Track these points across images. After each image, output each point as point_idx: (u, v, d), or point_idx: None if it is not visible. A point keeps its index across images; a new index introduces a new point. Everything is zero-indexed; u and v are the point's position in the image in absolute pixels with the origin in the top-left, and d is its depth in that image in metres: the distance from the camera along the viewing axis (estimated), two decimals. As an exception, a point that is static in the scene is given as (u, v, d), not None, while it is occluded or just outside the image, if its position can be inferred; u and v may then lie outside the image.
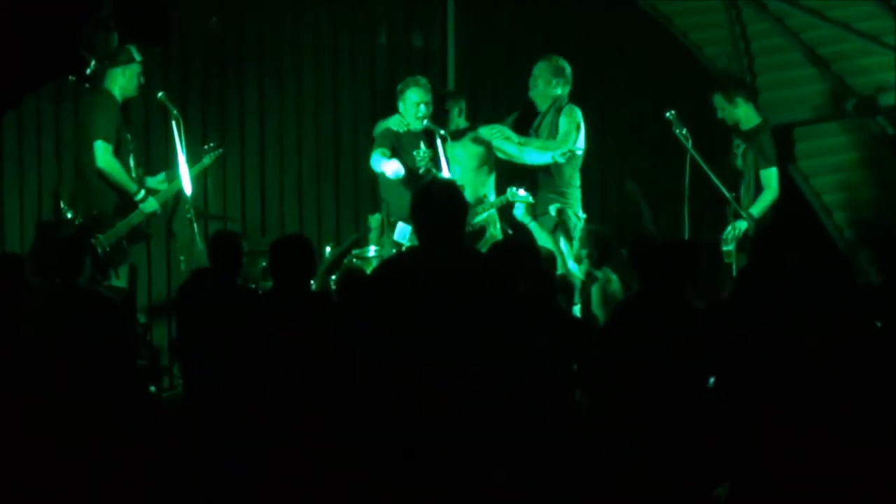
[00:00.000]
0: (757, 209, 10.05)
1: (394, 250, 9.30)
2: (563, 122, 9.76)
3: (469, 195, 9.59)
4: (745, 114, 10.38)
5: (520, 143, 9.78)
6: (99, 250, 9.26)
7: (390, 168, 9.41)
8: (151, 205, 9.65)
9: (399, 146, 9.65)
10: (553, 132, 9.78)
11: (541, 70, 9.91)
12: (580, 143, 9.77)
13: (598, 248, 9.19)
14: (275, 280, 6.64)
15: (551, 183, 9.77)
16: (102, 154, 9.50)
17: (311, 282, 7.02)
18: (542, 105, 9.90)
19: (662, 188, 11.59)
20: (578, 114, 9.80)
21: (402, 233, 9.37)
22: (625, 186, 11.42)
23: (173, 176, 9.74)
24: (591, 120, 9.94)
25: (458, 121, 10.14)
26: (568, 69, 9.90)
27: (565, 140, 9.69)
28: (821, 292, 5.81)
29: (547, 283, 6.96)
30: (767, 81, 11.98)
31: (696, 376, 6.42)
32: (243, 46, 11.43)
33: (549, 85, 9.85)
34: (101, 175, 9.52)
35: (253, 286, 9.31)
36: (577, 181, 9.85)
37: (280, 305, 6.48)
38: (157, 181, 9.89)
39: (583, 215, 9.80)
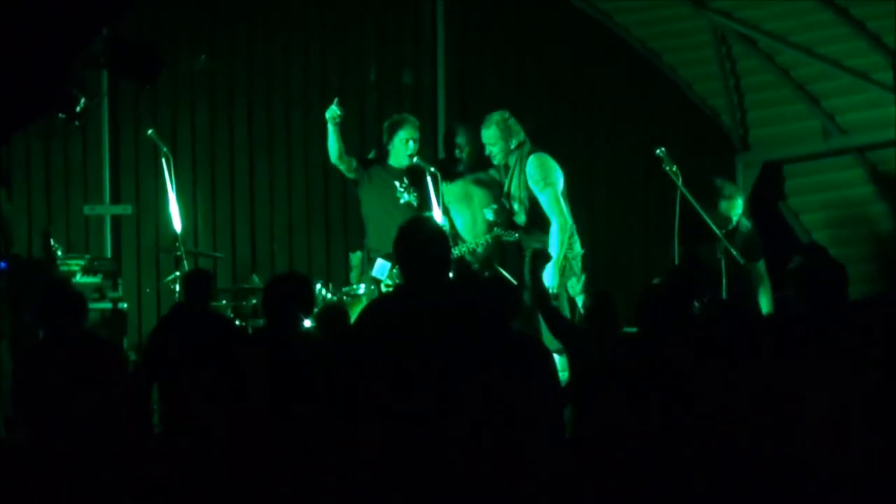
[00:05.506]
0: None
1: (373, 286, 9.28)
2: (539, 189, 9.40)
3: (479, 230, 9.58)
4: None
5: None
6: None
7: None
8: None
9: (377, 175, 9.57)
10: (523, 180, 9.49)
11: (491, 139, 9.56)
12: (560, 183, 9.61)
13: None
14: (266, 317, 6.61)
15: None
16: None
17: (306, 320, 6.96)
18: (506, 165, 9.65)
19: (652, 226, 11.58)
20: (547, 160, 9.51)
21: (381, 269, 9.30)
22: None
23: None
24: (580, 156, 9.84)
25: (467, 149, 9.92)
26: (510, 117, 9.59)
27: (561, 214, 9.41)
28: None
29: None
30: (758, 118, 12.02)
31: None
32: (233, 84, 11.44)
33: (507, 148, 9.55)
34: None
35: (243, 324, 9.32)
36: (569, 215, 9.74)
37: (270, 343, 6.44)
38: None
39: (580, 250, 9.68)
